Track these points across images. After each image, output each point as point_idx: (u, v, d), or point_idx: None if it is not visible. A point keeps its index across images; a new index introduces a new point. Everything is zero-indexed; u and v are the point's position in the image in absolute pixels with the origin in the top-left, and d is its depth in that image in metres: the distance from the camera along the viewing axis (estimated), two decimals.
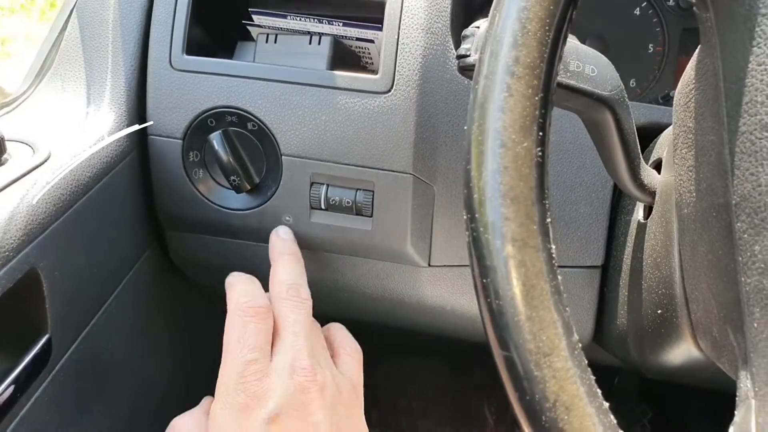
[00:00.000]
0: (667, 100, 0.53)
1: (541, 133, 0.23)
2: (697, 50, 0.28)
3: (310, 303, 0.38)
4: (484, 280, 0.22)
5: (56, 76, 0.46)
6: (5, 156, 0.36)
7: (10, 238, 0.32)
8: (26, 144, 0.39)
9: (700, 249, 0.28)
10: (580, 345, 0.22)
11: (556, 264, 0.22)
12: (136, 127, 0.42)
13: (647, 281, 0.37)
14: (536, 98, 0.23)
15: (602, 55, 0.32)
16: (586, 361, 0.21)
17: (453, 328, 0.52)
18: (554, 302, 0.22)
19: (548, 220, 0.22)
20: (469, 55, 0.31)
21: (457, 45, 0.43)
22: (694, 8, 0.26)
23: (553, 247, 0.22)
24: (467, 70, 0.32)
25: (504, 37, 0.23)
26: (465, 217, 0.23)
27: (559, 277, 0.22)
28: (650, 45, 0.55)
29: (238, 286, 0.37)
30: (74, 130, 0.42)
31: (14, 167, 0.36)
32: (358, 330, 0.44)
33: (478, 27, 0.32)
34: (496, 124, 0.22)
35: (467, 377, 0.87)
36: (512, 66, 0.22)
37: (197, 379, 0.57)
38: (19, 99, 0.46)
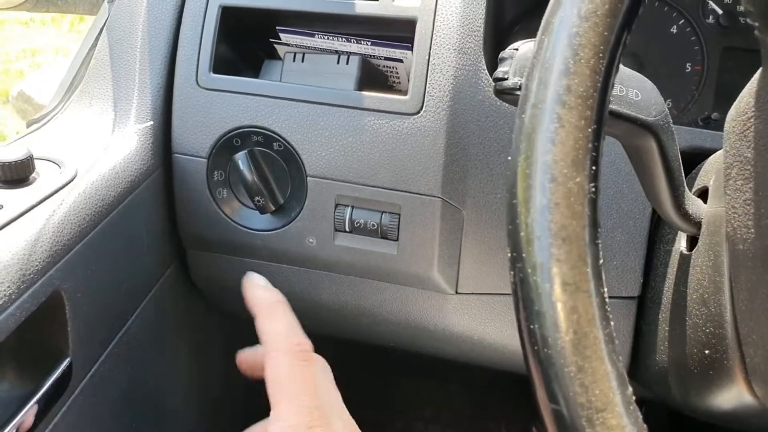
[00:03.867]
0: (708, 123, 0.50)
1: (594, 168, 0.21)
2: (757, 75, 0.26)
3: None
4: (532, 326, 0.20)
5: (85, 93, 0.46)
6: (33, 175, 0.36)
7: (36, 260, 0.31)
8: (54, 162, 0.39)
9: (761, 291, 0.26)
10: (635, 398, 0.20)
11: (609, 310, 0.20)
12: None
13: (692, 318, 0.35)
14: (589, 130, 0.21)
15: (646, 79, 0.31)
16: (642, 417, 0.20)
17: (479, 358, 0.50)
18: (608, 352, 0.20)
19: (600, 261, 0.21)
20: (506, 78, 0.30)
21: (488, 65, 0.42)
22: (756, 31, 0.24)
23: (606, 290, 0.21)
24: (504, 94, 0.30)
25: (554, 64, 0.22)
26: (510, 255, 0.22)
27: (612, 324, 0.20)
28: (688, 64, 0.53)
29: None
30: (100, 149, 0.42)
31: (42, 186, 0.36)
32: (375, 350, 0.42)
33: (517, 49, 0.31)
34: (546, 157, 0.21)
35: (485, 401, 0.85)
36: (563, 95, 0.21)
37: (219, 400, 0.56)
38: (48, 115, 0.46)
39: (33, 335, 0.32)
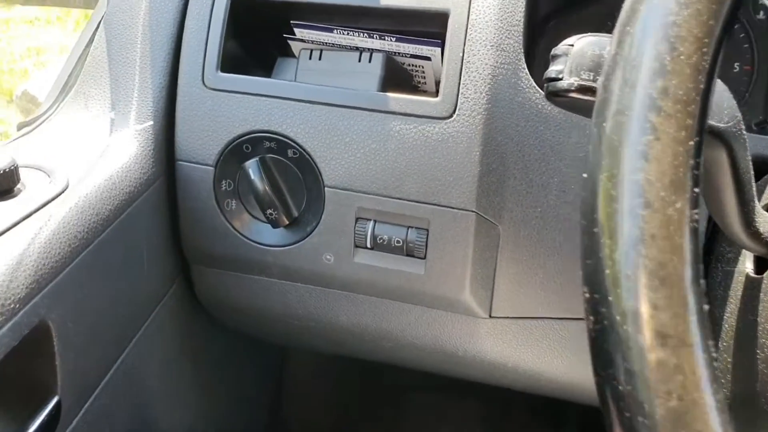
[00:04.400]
0: (763, 128, 0.46)
1: (696, 190, 0.17)
2: None
3: None
4: (620, 388, 0.16)
5: (80, 93, 0.43)
6: (18, 186, 0.33)
7: (18, 286, 0.27)
8: (42, 171, 0.35)
9: None
10: None
11: (717, 368, 0.17)
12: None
13: (764, 351, 0.31)
14: (690, 143, 0.18)
15: (717, 79, 0.27)
16: None
17: (512, 384, 0.47)
18: (721, 424, 0.16)
19: (706, 306, 0.17)
20: (561, 78, 0.27)
21: (528, 63, 0.38)
22: None
23: (712, 343, 0.17)
24: (558, 96, 0.27)
25: (643, 60, 0.18)
26: (588, 296, 0.18)
27: (723, 389, 0.17)
28: (736, 64, 0.49)
29: None
30: (95, 155, 0.38)
31: (27, 199, 0.32)
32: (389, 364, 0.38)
33: (572, 45, 0.28)
34: (637, 176, 0.17)
35: (504, 420, 0.82)
36: (659, 100, 0.18)
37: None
38: (40, 118, 0.43)
39: (15, 372, 0.28)
